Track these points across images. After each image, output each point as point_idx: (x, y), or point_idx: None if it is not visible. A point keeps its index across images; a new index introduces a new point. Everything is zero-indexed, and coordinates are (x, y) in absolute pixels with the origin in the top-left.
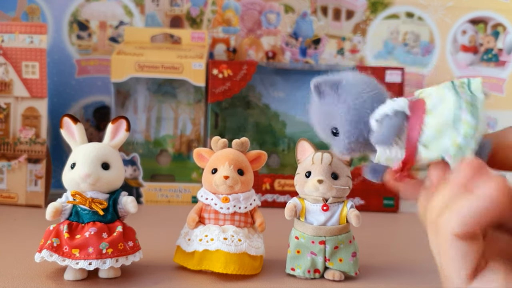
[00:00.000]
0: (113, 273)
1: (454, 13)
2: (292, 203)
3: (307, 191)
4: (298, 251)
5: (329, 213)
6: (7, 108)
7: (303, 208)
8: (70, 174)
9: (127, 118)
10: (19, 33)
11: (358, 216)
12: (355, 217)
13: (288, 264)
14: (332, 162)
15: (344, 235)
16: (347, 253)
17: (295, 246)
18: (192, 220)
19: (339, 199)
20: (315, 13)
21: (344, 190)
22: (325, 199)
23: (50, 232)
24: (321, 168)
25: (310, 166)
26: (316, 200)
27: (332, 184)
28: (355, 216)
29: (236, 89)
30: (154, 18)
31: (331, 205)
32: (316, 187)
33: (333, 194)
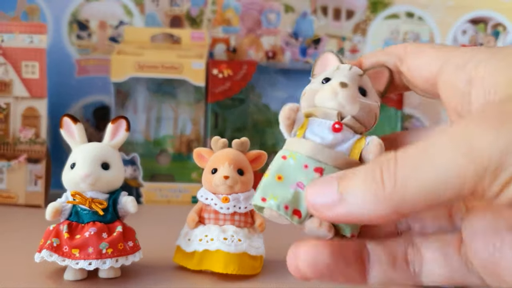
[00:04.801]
0: (113, 273)
1: (454, 13)
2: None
3: (319, 101)
4: (279, 177)
5: (340, 136)
6: (6, 108)
7: (305, 123)
8: (69, 174)
9: (127, 118)
10: (18, 33)
11: (382, 147)
12: (379, 146)
13: (261, 191)
14: (363, 75)
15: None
16: None
17: (277, 168)
18: (192, 220)
19: (358, 126)
20: (315, 12)
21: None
22: (341, 115)
23: (50, 232)
24: (348, 74)
25: (332, 72)
26: (327, 114)
27: (357, 95)
28: (378, 145)
29: (236, 89)
30: (154, 18)
31: (345, 128)
32: (334, 91)
33: (354, 111)
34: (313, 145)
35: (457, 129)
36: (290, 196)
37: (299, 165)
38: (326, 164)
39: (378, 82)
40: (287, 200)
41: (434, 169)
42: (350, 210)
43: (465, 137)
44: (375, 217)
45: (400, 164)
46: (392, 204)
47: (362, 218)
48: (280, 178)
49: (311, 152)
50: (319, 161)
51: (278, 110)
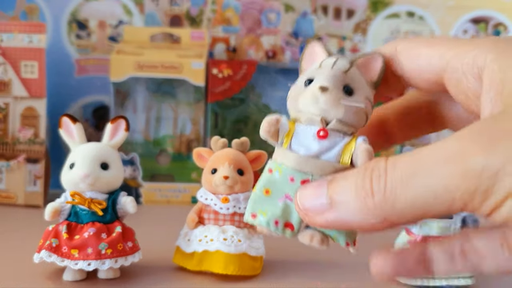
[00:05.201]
0: (112, 274)
1: (455, 13)
2: (276, 116)
3: (302, 106)
4: (267, 191)
5: (327, 143)
6: (6, 108)
7: (290, 131)
8: (69, 174)
9: (126, 118)
10: (18, 32)
11: (370, 152)
12: (365, 152)
13: (250, 207)
14: (349, 70)
15: None
16: None
17: (264, 182)
18: (191, 221)
19: (346, 129)
20: (316, 12)
21: (357, 112)
22: (326, 121)
23: (49, 232)
24: (330, 74)
25: (315, 71)
26: (311, 120)
27: (340, 97)
28: (365, 151)
29: (236, 88)
30: (154, 17)
31: (332, 133)
32: (315, 97)
33: (339, 114)
34: (297, 157)
35: (451, 145)
36: (279, 210)
37: (285, 179)
38: (313, 175)
39: (371, 71)
40: (276, 215)
41: (424, 184)
42: (340, 217)
43: (458, 155)
44: (365, 225)
45: (390, 174)
46: (381, 213)
47: (352, 225)
48: (267, 192)
49: (296, 164)
50: (305, 172)
51: (278, 110)
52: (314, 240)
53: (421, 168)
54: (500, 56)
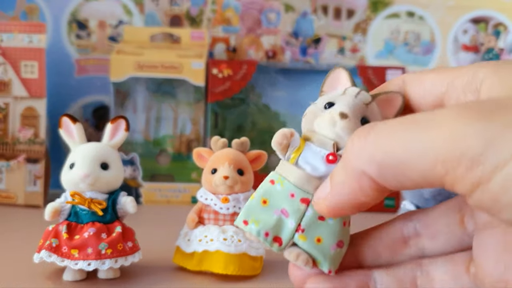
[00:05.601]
0: (112, 274)
1: (455, 13)
2: (289, 131)
3: (317, 127)
4: (264, 201)
5: (334, 167)
6: (6, 108)
7: (300, 148)
8: (69, 174)
9: (126, 118)
10: (18, 32)
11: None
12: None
13: (244, 213)
14: (370, 104)
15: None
16: (332, 236)
17: (264, 192)
18: (191, 221)
19: None
20: (316, 12)
21: None
22: (337, 146)
23: (49, 232)
24: (352, 102)
25: (337, 96)
26: (323, 142)
27: (357, 128)
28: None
29: (236, 88)
30: (154, 17)
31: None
32: (333, 121)
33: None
34: (302, 174)
35: (444, 110)
36: (273, 222)
37: (285, 193)
38: (313, 195)
39: (389, 109)
40: (268, 226)
41: (411, 142)
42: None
43: (452, 118)
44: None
45: (376, 130)
46: (359, 163)
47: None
48: (265, 202)
49: (299, 181)
50: (306, 191)
51: (278, 110)
52: (299, 259)
53: (412, 125)
54: (499, 71)
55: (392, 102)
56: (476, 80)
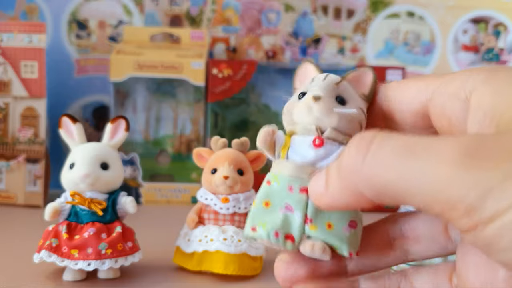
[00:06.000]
0: (112, 274)
1: (455, 13)
2: (271, 127)
3: (296, 117)
4: (266, 203)
5: (323, 151)
6: (5, 108)
7: (287, 143)
8: (69, 174)
9: (126, 118)
10: (17, 32)
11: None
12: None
13: (250, 221)
14: (340, 83)
15: None
16: (341, 218)
17: (263, 194)
18: (191, 221)
19: (341, 137)
20: (316, 12)
21: (351, 121)
22: (321, 129)
23: (49, 232)
24: (322, 84)
25: (307, 85)
26: (306, 130)
27: (333, 106)
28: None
29: (236, 88)
30: (154, 17)
31: (328, 141)
32: (308, 106)
33: (333, 123)
34: (294, 165)
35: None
36: (280, 221)
37: (283, 188)
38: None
39: (362, 86)
40: (276, 226)
41: (408, 176)
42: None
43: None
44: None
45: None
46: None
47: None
48: (267, 204)
49: (293, 173)
50: (303, 179)
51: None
52: (315, 250)
53: (409, 159)
54: (490, 79)
55: (363, 78)
56: (465, 88)
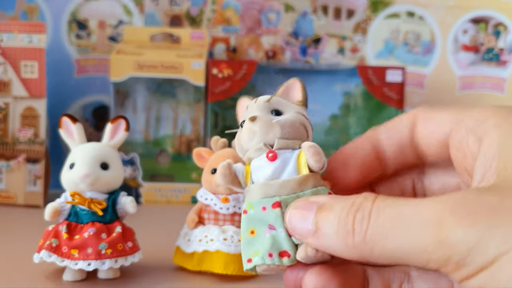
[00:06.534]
0: (112, 274)
1: (455, 13)
2: (226, 161)
3: (245, 144)
4: (252, 231)
5: (279, 162)
6: (5, 108)
7: (247, 171)
8: (69, 174)
9: (126, 118)
10: (17, 32)
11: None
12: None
13: (244, 255)
14: (270, 99)
15: (310, 191)
16: None
17: (246, 225)
18: (191, 221)
19: (291, 144)
20: (316, 12)
21: (293, 125)
22: (270, 144)
23: (49, 232)
24: (254, 106)
25: (244, 114)
26: (258, 150)
27: (271, 119)
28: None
29: (236, 88)
30: (154, 17)
31: (280, 151)
32: (251, 130)
33: (277, 133)
34: (259, 186)
35: (433, 210)
36: (268, 242)
37: (258, 211)
38: (280, 196)
39: (293, 94)
40: (267, 248)
41: (403, 240)
42: (322, 245)
43: (438, 223)
44: (346, 257)
45: (373, 220)
46: (359, 253)
47: (333, 254)
48: (253, 232)
49: (260, 193)
50: (272, 196)
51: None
52: (308, 252)
53: (402, 225)
54: (502, 125)
55: (292, 89)
56: (480, 127)
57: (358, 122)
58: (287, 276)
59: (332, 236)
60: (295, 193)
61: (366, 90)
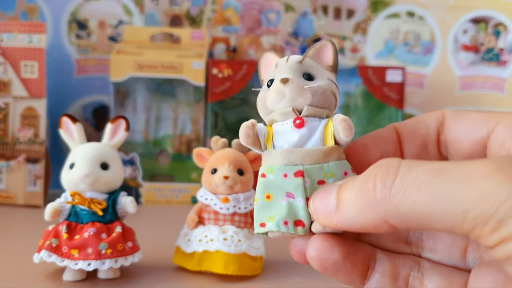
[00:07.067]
0: (112, 274)
1: (455, 13)
2: (251, 121)
3: (271, 105)
4: (268, 196)
5: (306, 130)
6: (5, 108)
7: (269, 134)
8: (69, 174)
9: (126, 118)
10: (18, 32)
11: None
12: (342, 122)
13: (257, 218)
14: (303, 61)
15: (334, 163)
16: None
17: (262, 188)
18: (191, 221)
19: (320, 112)
20: (316, 12)
21: (324, 93)
22: (298, 110)
23: (49, 232)
24: (286, 66)
25: (273, 72)
26: (284, 114)
27: (303, 84)
28: (342, 120)
29: (236, 88)
30: (154, 17)
31: (308, 119)
32: (280, 91)
33: (307, 100)
34: (282, 152)
35: (479, 165)
36: (285, 210)
37: (279, 177)
38: (303, 165)
39: (324, 58)
40: (283, 215)
41: (440, 192)
42: (345, 218)
43: (485, 177)
44: (368, 226)
45: (403, 174)
46: (383, 212)
47: (356, 227)
48: (269, 197)
49: (284, 160)
50: (295, 164)
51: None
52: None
53: (442, 177)
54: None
55: (324, 52)
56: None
57: (358, 122)
58: (295, 242)
59: (353, 202)
60: (319, 163)
61: (366, 90)
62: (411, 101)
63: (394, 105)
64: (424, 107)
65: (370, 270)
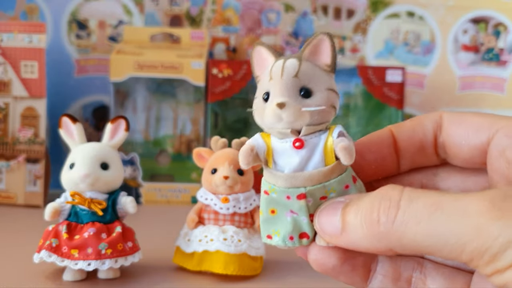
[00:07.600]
0: (112, 274)
1: (455, 13)
2: (249, 145)
3: (268, 123)
4: (272, 211)
5: (306, 151)
6: (5, 108)
7: (269, 149)
8: (69, 174)
9: (126, 118)
10: (18, 32)
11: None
12: (343, 151)
13: (263, 229)
14: (299, 71)
15: (335, 180)
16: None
17: (266, 204)
18: (191, 221)
19: (318, 127)
20: (316, 12)
21: (323, 112)
22: (296, 130)
23: (49, 232)
24: (282, 84)
25: (268, 83)
26: (283, 134)
27: (301, 105)
28: (342, 149)
29: (236, 88)
30: (154, 17)
31: (306, 138)
32: (276, 115)
33: (306, 121)
34: (284, 176)
35: (474, 200)
36: (290, 226)
37: (282, 198)
38: (305, 187)
39: (322, 56)
40: (289, 231)
41: (438, 227)
42: (351, 242)
43: (480, 214)
44: (373, 251)
45: (404, 208)
46: (387, 243)
47: (362, 249)
48: (273, 212)
49: (286, 183)
50: (297, 187)
51: None
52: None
53: (439, 212)
54: None
55: (321, 48)
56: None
57: (358, 122)
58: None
59: (358, 228)
60: (321, 183)
61: (366, 90)
62: (411, 101)
63: (394, 105)
64: (424, 107)
65: (372, 272)
